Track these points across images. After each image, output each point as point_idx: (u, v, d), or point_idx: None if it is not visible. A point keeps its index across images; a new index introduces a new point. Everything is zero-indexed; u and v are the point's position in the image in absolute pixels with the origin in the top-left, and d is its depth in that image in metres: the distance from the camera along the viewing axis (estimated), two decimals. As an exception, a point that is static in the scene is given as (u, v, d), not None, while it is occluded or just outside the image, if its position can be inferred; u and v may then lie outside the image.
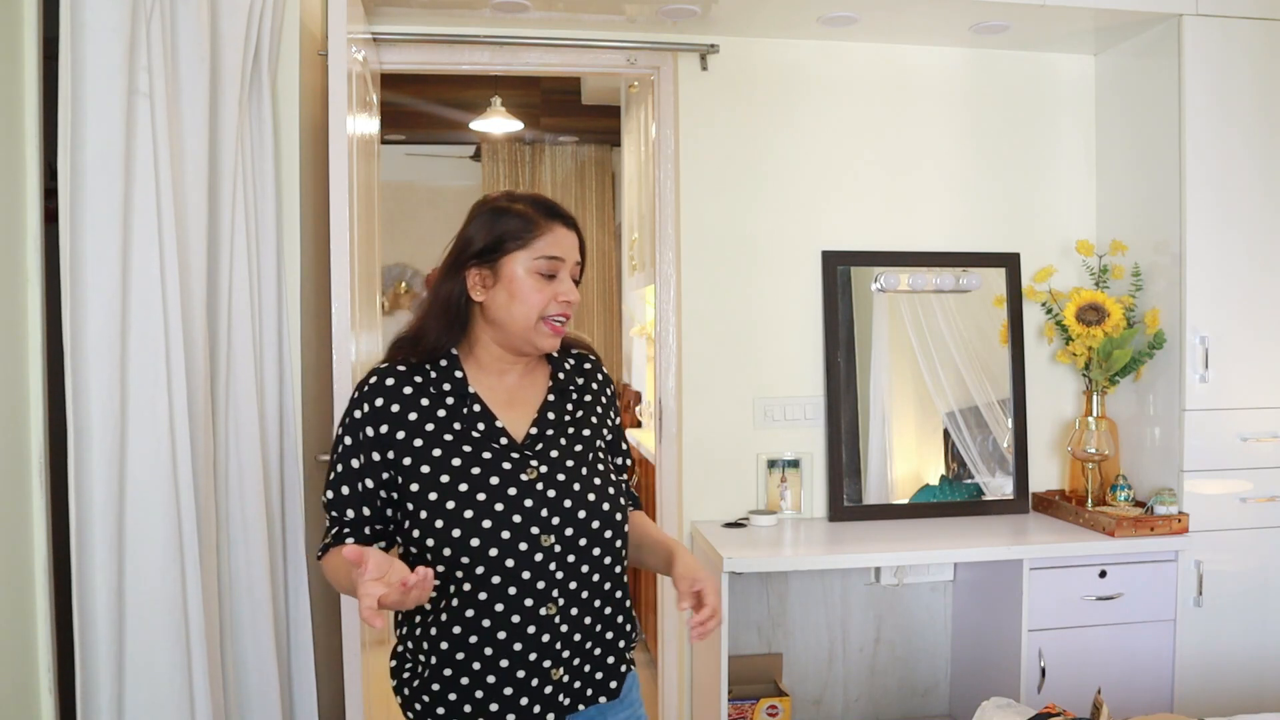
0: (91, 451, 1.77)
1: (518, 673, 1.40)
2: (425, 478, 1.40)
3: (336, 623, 2.28)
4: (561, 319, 1.48)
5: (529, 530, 1.39)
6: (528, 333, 1.46)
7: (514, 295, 1.45)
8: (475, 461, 1.41)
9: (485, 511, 1.38)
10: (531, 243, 1.45)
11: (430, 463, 1.41)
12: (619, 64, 2.90)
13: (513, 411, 1.49)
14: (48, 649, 1.78)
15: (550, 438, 1.48)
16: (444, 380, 1.48)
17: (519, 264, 1.45)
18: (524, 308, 1.45)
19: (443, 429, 1.43)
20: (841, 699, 3.01)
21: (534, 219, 1.47)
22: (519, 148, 7.55)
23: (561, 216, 1.49)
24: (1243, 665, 2.70)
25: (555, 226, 1.47)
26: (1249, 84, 2.67)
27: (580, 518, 1.43)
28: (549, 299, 1.46)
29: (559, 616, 1.41)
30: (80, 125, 1.75)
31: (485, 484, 1.40)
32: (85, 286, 1.77)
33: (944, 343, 2.96)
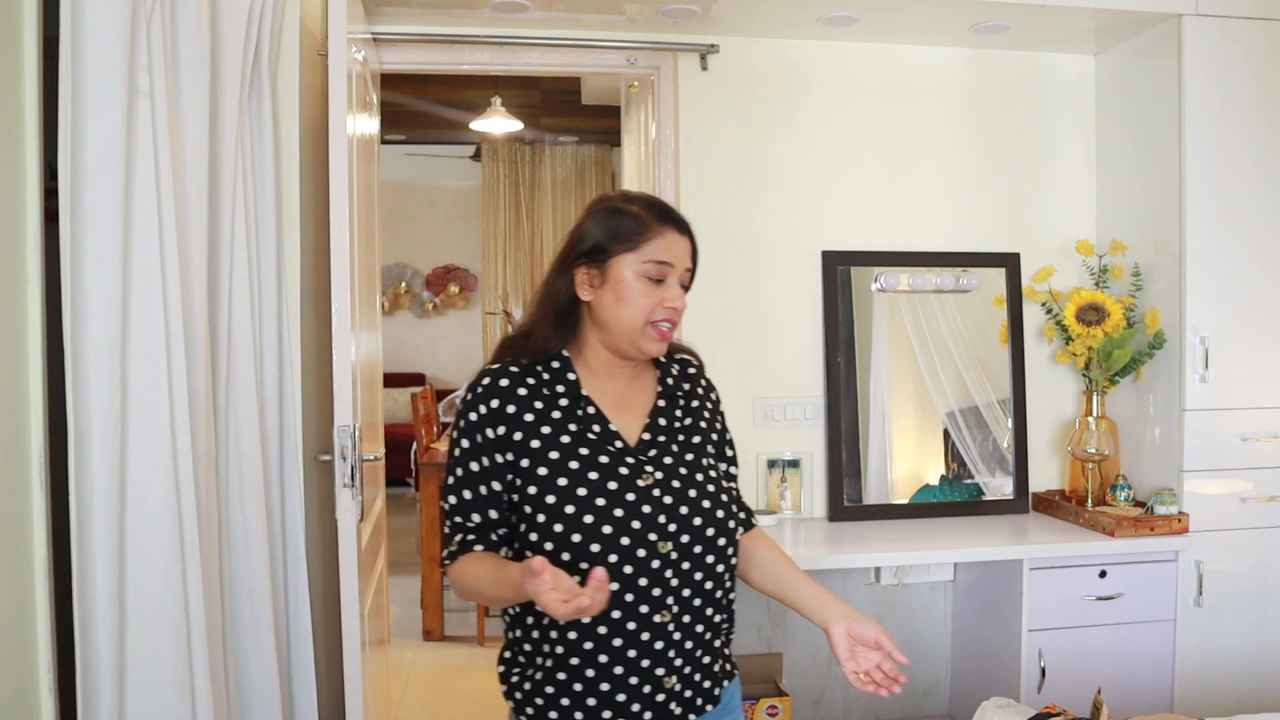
0: (91, 451, 1.77)
1: (631, 679, 1.39)
2: (543, 480, 1.39)
3: (336, 623, 2.28)
4: (668, 324, 1.45)
5: (647, 536, 1.38)
6: (633, 336, 1.44)
7: (620, 298, 1.43)
8: (592, 465, 1.40)
9: (605, 517, 1.37)
10: (641, 245, 1.43)
11: (547, 465, 1.40)
12: (619, 64, 2.90)
13: (624, 415, 1.48)
14: (48, 649, 1.78)
15: (663, 443, 1.47)
16: (557, 382, 1.46)
17: (627, 266, 1.43)
18: (630, 311, 1.43)
19: (558, 431, 1.42)
20: (841, 699, 3.01)
21: (646, 221, 1.44)
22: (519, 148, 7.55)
23: (675, 221, 1.47)
24: (1243, 665, 2.70)
25: (667, 230, 1.45)
26: (1249, 84, 2.67)
27: (696, 524, 1.42)
28: (655, 304, 1.43)
29: (673, 624, 1.40)
30: (80, 125, 1.75)
31: (604, 488, 1.39)
32: (85, 286, 1.77)
33: (944, 343, 2.96)
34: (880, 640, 1.41)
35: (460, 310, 8.13)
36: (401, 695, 3.59)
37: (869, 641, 1.42)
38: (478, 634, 4.15)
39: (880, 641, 1.41)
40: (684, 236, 1.47)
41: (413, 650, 4.08)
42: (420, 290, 8.10)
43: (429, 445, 4.75)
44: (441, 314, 8.14)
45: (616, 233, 1.44)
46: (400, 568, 5.02)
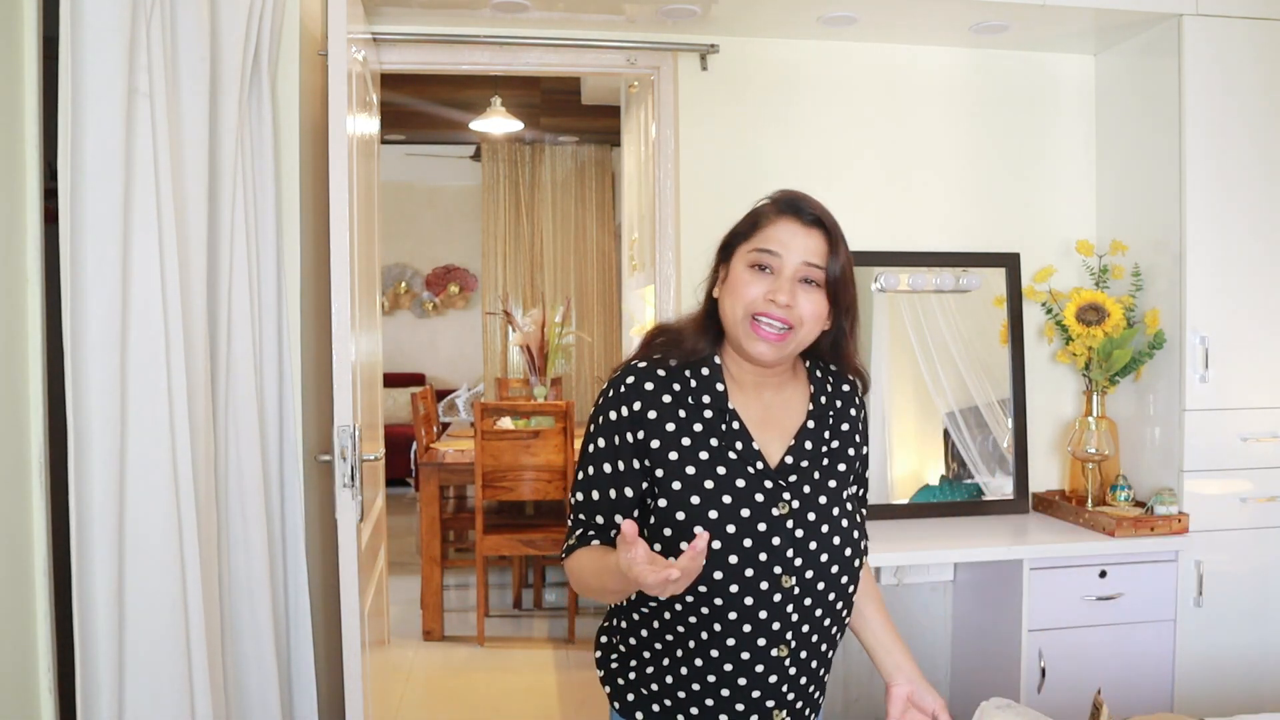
0: (91, 452, 1.76)
1: (737, 705, 1.35)
2: (675, 495, 1.33)
3: (336, 623, 2.28)
4: (771, 323, 1.33)
5: (772, 570, 1.32)
6: (735, 329, 1.36)
7: (729, 289, 1.37)
8: (729, 489, 1.33)
9: (733, 546, 1.31)
10: (756, 234, 1.37)
11: (682, 480, 1.33)
12: (619, 64, 2.90)
13: (768, 432, 1.39)
14: (48, 649, 1.78)
15: (805, 469, 1.38)
16: (704, 391, 1.37)
17: (740, 257, 1.38)
18: (732, 300, 1.36)
19: (699, 445, 1.34)
20: (841, 699, 3.00)
21: (764, 211, 1.39)
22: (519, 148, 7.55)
23: (797, 211, 1.37)
24: (1243, 665, 2.70)
25: (784, 219, 1.36)
26: (1249, 84, 2.67)
27: (822, 561, 1.35)
28: (758, 295, 1.33)
29: (789, 660, 1.35)
30: (80, 125, 1.75)
31: (736, 515, 1.32)
32: (85, 286, 1.77)
33: (944, 343, 2.96)
34: (939, 714, 1.40)
35: (460, 310, 8.13)
36: (401, 695, 3.59)
37: (927, 710, 1.41)
38: (478, 634, 4.16)
39: (938, 715, 1.40)
40: (808, 228, 1.36)
41: (413, 650, 4.08)
42: (420, 290, 8.10)
43: (429, 445, 4.76)
44: (441, 314, 8.14)
45: (742, 224, 1.40)
46: (400, 568, 5.02)
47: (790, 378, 1.44)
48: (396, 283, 8.00)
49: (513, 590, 4.74)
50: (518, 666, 3.89)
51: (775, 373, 1.41)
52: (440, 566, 4.24)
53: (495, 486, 4.05)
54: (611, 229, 7.48)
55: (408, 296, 8.05)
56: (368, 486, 2.44)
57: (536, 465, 4.04)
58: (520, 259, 7.57)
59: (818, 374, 1.46)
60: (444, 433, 5.46)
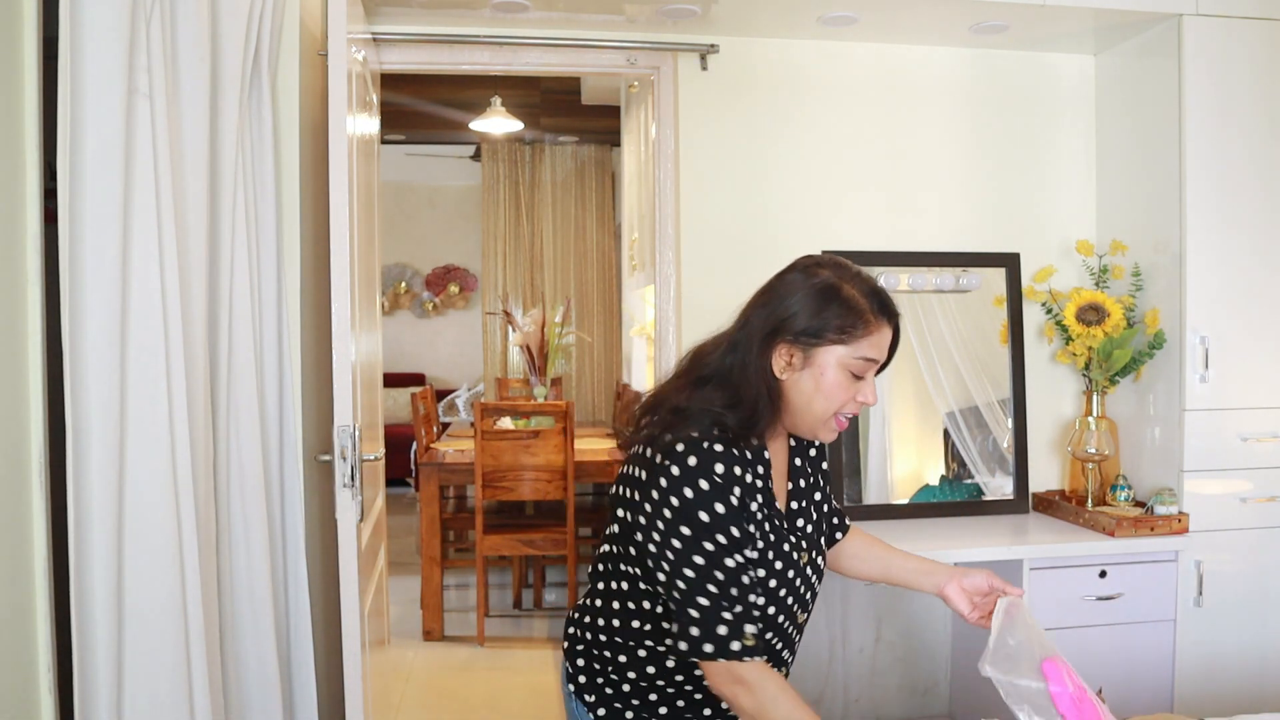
0: (91, 451, 1.76)
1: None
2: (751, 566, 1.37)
3: (336, 623, 2.28)
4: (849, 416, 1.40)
5: (794, 610, 1.44)
6: (816, 424, 1.38)
7: (819, 387, 1.35)
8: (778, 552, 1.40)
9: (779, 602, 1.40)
10: (856, 340, 1.34)
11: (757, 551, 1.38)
12: (619, 64, 2.90)
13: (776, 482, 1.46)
14: (48, 649, 1.78)
15: (804, 509, 1.48)
16: (757, 463, 1.39)
17: (834, 356, 1.34)
18: (825, 402, 1.35)
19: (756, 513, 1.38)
20: (841, 699, 3.00)
21: (865, 314, 1.34)
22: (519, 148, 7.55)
23: (891, 314, 1.37)
24: (1243, 665, 2.70)
25: (883, 326, 1.36)
26: (1249, 84, 2.67)
27: (817, 589, 1.49)
28: (850, 399, 1.37)
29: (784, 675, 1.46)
30: (80, 125, 1.75)
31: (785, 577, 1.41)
32: (85, 286, 1.77)
33: (944, 343, 2.96)
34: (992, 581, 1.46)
35: (460, 310, 8.13)
36: (401, 695, 3.59)
37: (982, 588, 1.47)
38: (478, 634, 4.15)
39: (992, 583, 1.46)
40: (893, 329, 1.39)
41: (413, 650, 4.08)
42: (420, 290, 8.10)
43: (429, 445, 4.76)
44: (441, 314, 8.14)
45: (833, 320, 1.34)
46: (400, 568, 5.02)
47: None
48: (396, 283, 8.00)
49: (513, 590, 4.74)
50: (518, 666, 3.89)
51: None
52: (440, 566, 4.24)
53: (495, 486, 4.05)
54: (611, 229, 7.47)
55: (408, 296, 8.05)
56: (368, 486, 2.44)
57: (536, 465, 4.04)
58: (520, 259, 7.57)
59: None
60: (444, 433, 5.46)
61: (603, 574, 1.46)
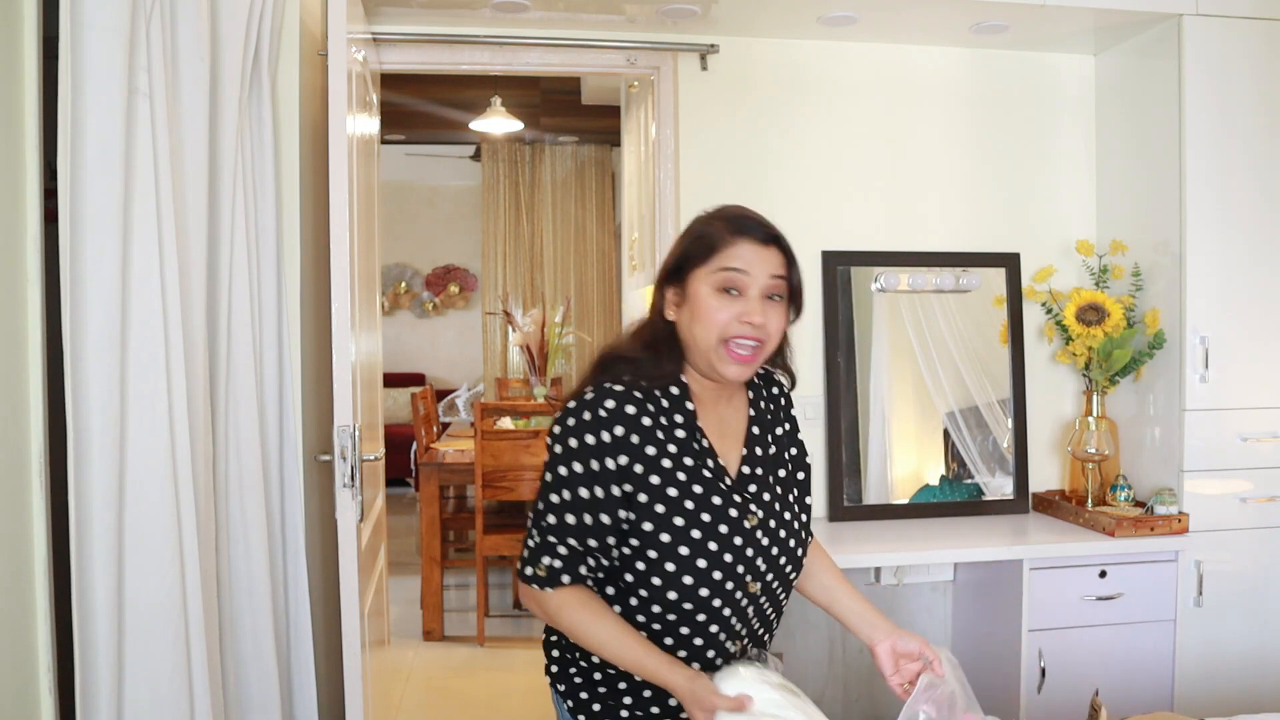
0: (91, 451, 1.76)
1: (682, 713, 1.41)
2: (660, 518, 1.35)
3: (336, 623, 2.28)
4: (745, 344, 1.37)
5: (744, 577, 1.39)
6: (709, 356, 1.38)
7: (695, 314, 1.38)
8: (707, 506, 1.37)
9: (716, 561, 1.36)
10: (712, 257, 1.37)
11: (665, 503, 1.35)
12: (619, 64, 2.90)
13: (724, 444, 1.44)
14: (48, 649, 1.78)
15: (760, 477, 1.45)
16: (675, 411, 1.40)
17: (701, 280, 1.38)
18: (704, 328, 1.37)
19: (677, 466, 1.37)
20: (841, 699, 3.00)
21: (720, 232, 1.39)
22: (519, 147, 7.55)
23: (751, 230, 1.39)
24: (1243, 665, 2.70)
25: (741, 240, 1.38)
26: (1249, 84, 2.67)
27: (781, 564, 1.44)
28: (730, 318, 1.36)
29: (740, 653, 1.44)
30: (80, 125, 1.75)
31: (716, 532, 1.37)
32: (85, 286, 1.76)
33: (944, 343, 2.96)
34: (924, 650, 1.43)
35: (460, 310, 8.13)
36: (401, 695, 3.59)
37: (913, 654, 1.43)
38: (478, 634, 4.16)
39: (924, 652, 1.43)
40: (766, 246, 1.38)
41: (413, 650, 4.08)
42: (420, 290, 8.10)
43: (429, 445, 4.76)
44: (441, 314, 8.14)
45: (693, 247, 1.40)
46: (400, 568, 5.02)
47: (737, 389, 1.49)
48: (396, 283, 8.00)
49: (513, 590, 4.74)
50: (518, 666, 3.89)
51: (728, 386, 1.45)
52: (440, 566, 4.24)
53: (495, 486, 4.05)
54: (611, 229, 7.48)
55: (408, 296, 8.05)
56: (368, 486, 2.44)
57: (536, 465, 4.03)
58: (520, 259, 7.57)
59: (754, 379, 1.51)
60: (444, 433, 5.47)
61: None
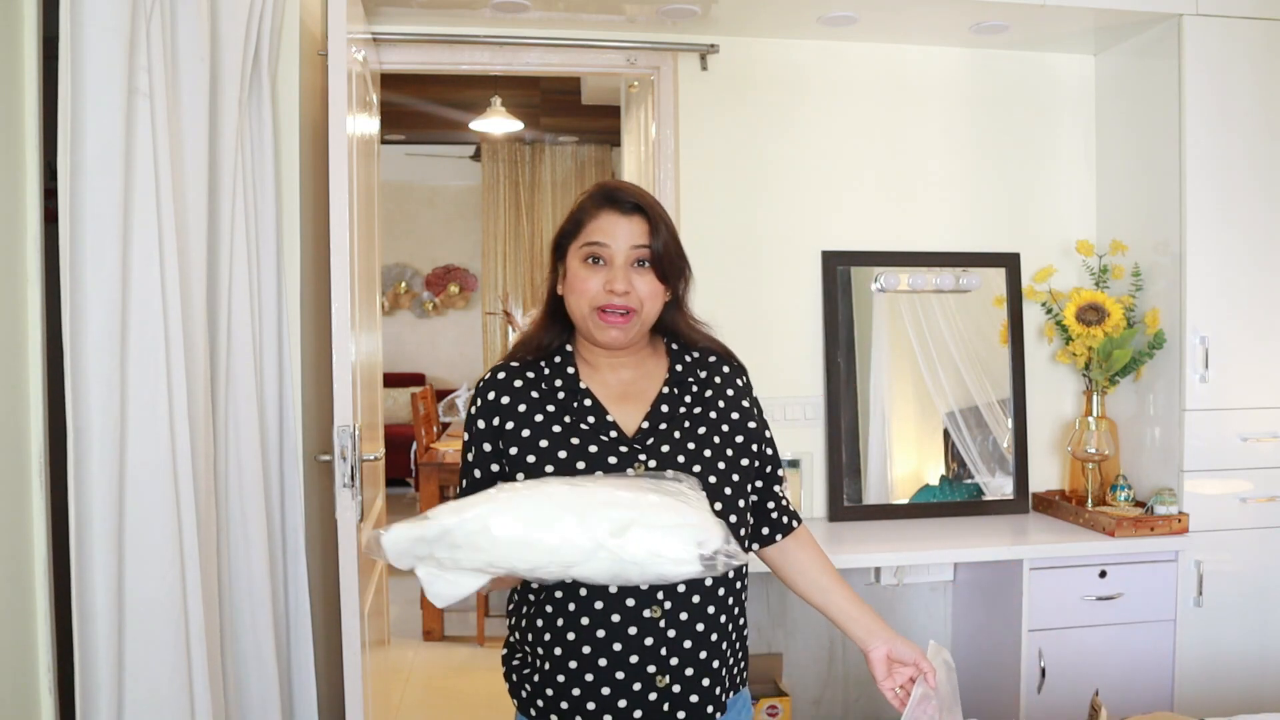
0: (91, 451, 1.76)
1: (617, 674, 1.36)
2: (530, 467, 1.40)
3: (336, 623, 2.28)
4: (615, 311, 1.42)
5: None
6: (584, 323, 1.44)
7: (570, 287, 1.46)
8: (580, 454, 1.39)
9: None
10: (579, 231, 1.45)
11: (535, 453, 1.40)
12: (619, 64, 2.90)
13: (626, 405, 1.46)
14: (48, 649, 1.78)
15: (663, 431, 1.43)
16: (556, 376, 1.47)
17: (573, 255, 1.46)
18: (576, 298, 1.44)
19: (551, 421, 1.42)
20: (841, 699, 3.00)
21: (585, 207, 1.47)
22: (519, 147, 7.55)
23: (614, 201, 1.45)
24: (1243, 665, 2.70)
25: (603, 212, 1.44)
26: (1249, 84, 2.67)
27: None
28: (599, 289, 1.42)
29: (664, 620, 1.36)
30: (80, 125, 1.75)
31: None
32: (85, 286, 1.76)
33: (944, 343, 2.96)
34: (919, 661, 1.41)
35: (460, 310, 8.13)
36: (401, 695, 3.59)
37: (907, 661, 1.42)
38: (478, 634, 4.15)
39: (919, 662, 1.41)
40: (628, 216, 1.43)
41: (413, 650, 4.08)
42: (420, 290, 8.09)
43: (429, 445, 4.75)
44: (441, 314, 8.14)
45: (566, 223, 1.48)
46: (400, 568, 5.01)
47: (650, 354, 1.53)
48: (396, 283, 8.00)
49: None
50: (518, 666, 3.88)
51: (630, 352, 1.50)
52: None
53: (495, 486, 4.04)
54: (611, 229, 7.47)
55: (408, 296, 8.05)
56: (368, 486, 2.44)
57: (536, 465, 4.03)
58: (520, 259, 7.57)
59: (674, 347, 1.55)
60: (444, 433, 5.46)
61: None
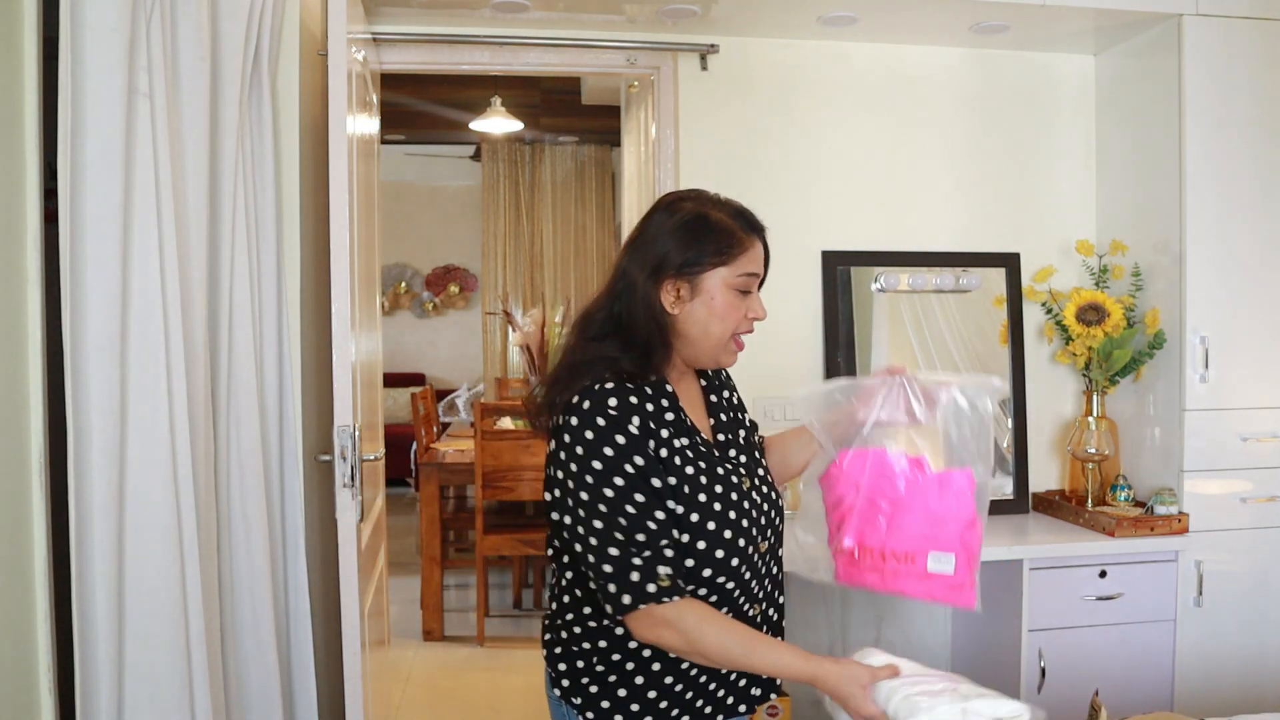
0: (91, 451, 1.76)
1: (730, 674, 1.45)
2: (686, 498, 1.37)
3: (336, 623, 2.28)
4: (747, 334, 1.47)
5: (752, 533, 1.43)
6: (717, 349, 1.44)
7: (713, 312, 1.41)
8: (714, 477, 1.41)
9: (735, 528, 1.40)
10: (735, 259, 1.41)
11: (686, 481, 1.37)
12: (619, 64, 2.90)
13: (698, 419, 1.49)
14: (48, 649, 1.78)
15: (731, 440, 1.50)
16: (660, 396, 1.42)
17: (719, 279, 1.41)
18: (721, 325, 1.42)
19: (683, 446, 1.40)
20: (841, 699, 3.00)
21: (736, 233, 1.42)
22: (519, 148, 7.55)
23: (759, 229, 1.46)
24: (1243, 665, 2.70)
25: (755, 241, 1.44)
26: (1249, 84, 2.67)
27: (772, 517, 1.48)
28: (742, 316, 1.44)
29: (760, 617, 1.47)
30: (80, 125, 1.75)
31: (728, 499, 1.41)
32: (85, 286, 1.77)
33: (944, 343, 2.96)
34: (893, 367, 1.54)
35: (460, 310, 8.13)
36: (401, 695, 3.59)
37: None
38: (478, 634, 4.16)
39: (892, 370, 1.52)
40: (763, 243, 1.47)
41: (413, 650, 4.08)
42: (420, 290, 8.09)
43: (429, 445, 4.76)
44: (441, 314, 8.14)
45: (709, 246, 1.39)
46: (400, 568, 5.02)
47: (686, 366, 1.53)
48: (396, 283, 8.00)
49: (513, 590, 4.74)
50: (518, 666, 3.89)
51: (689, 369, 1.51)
52: (440, 566, 4.24)
53: (495, 486, 4.05)
54: (611, 229, 7.47)
55: (408, 296, 8.05)
56: (368, 486, 2.44)
57: (536, 465, 4.03)
58: (520, 259, 7.57)
59: None
60: (444, 433, 5.46)
61: (558, 569, 1.47)
